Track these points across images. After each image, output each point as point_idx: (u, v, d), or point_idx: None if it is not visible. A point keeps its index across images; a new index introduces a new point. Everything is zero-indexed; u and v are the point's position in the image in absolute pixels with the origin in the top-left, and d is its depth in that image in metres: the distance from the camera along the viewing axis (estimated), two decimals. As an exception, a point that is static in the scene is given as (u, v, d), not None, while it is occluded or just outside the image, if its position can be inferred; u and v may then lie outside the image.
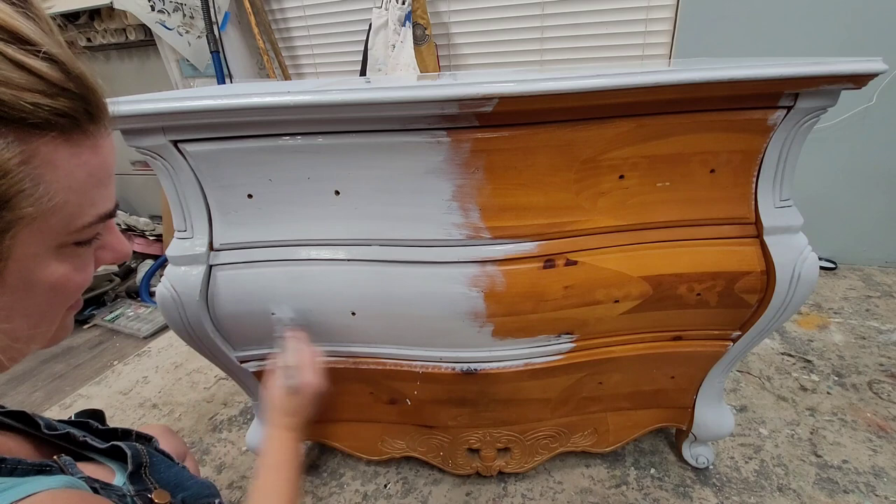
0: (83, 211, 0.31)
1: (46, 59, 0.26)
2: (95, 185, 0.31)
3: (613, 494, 1.11)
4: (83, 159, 0.29)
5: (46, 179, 0.27)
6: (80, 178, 0.30)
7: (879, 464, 1.14)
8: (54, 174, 0.28)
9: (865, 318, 1.68)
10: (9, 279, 0.29)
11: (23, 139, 0.26)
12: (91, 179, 0.31)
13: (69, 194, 0.29)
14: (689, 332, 0.89)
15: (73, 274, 0.33)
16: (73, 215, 0.30)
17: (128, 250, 0.39)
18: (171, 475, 0.48)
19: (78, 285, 0.34)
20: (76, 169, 0.29)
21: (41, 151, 0.27)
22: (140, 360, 1.77)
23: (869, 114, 1.75)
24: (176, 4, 2.01)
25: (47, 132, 0.27)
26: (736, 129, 0.70)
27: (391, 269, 0.78)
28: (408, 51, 1.93)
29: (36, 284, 0.31)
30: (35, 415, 0.45)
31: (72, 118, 0.28)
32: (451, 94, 0.61)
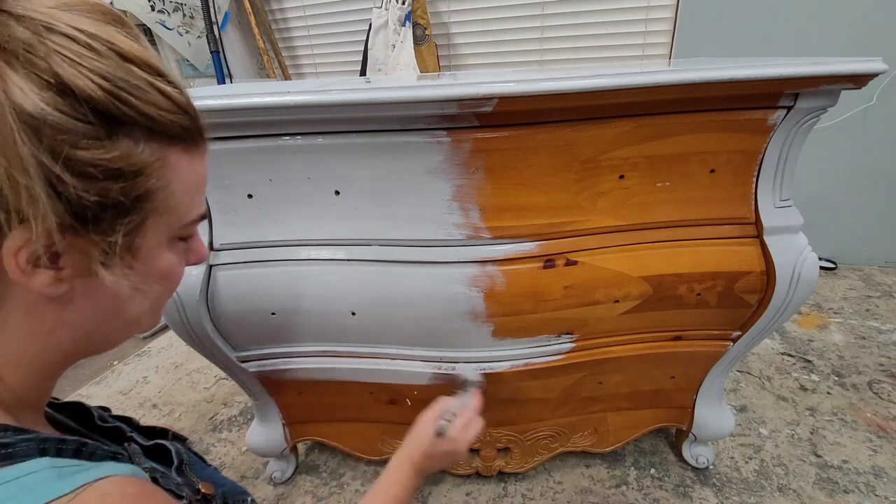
0: (190, 210, 0.38)
1: (176, 88, 0.34)
2: (199, 190, 0.39)
3: (613, 494, 1.11)
4: (195, 167, 0.37)
5: (172, 181, 0.35)
6: (192, 183, 0.37)
7: (879, 464, 1.14)
8: (177, 177, 0.35)
9: (865, 318, 1.68)
10: (139, 262, 0.36)
11: (161, 148, 0.33)
12: (198, 185, 0.38)
13: (184, 195, 0.36)
14: (689, 332, 0.89)
15: (177, 266, 0.40)
16: (184, 213, 0.37)
17: (206, 254, 0.47)
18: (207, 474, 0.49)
19: (178, 277, 0.41)
20: (191, 175, 0.37)
21: (170, 159, 0.34)
22: (140, 360, 1.77)
23: (869, 114, 1.75)
24: (176, 4, 2.01)
25: (176, 144, 0.35)
26: (736, 129, 0.70)
27: (391, 269, 0.78)
28: (408, 51, 1.93)
29: (154, 270, 0.37)
30: (90, 407, 0.48)
31: (191, 133, 0.36)
32: (451, 94, 0.61)
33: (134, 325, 0.40)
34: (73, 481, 0.30)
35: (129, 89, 0.30)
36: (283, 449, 1.11)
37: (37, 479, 0.29)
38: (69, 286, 0.33)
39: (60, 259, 0.32)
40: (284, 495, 1.17)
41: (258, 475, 1.23)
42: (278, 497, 1.16)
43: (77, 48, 0.29)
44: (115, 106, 0.30)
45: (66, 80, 0.28)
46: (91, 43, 0.30)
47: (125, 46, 0.31)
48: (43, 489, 0.29)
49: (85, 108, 0.29)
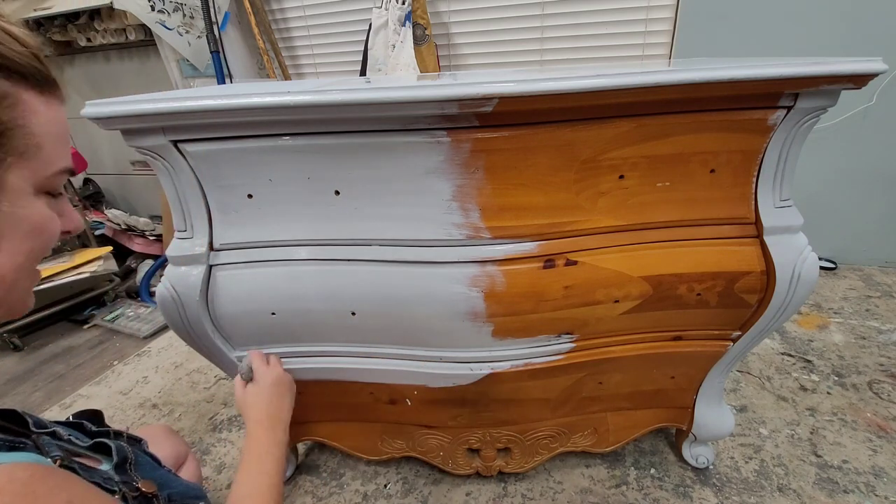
0: (55, 159, 0.38)
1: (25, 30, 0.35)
2: (62, 141, 0.39)
3: (613, 494, 1.11)
4: (53, 114, 0.37)
5: (31, 123, 0.35)
6: (52, 129, 0.37)
7: (879, 464, 1.14)
8: (35, 119, 0.36)
9: (865, 318, 1.68)
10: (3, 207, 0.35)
11: (10, 83, 0.34)
12: (60, 133, 0.38)
13: (46, 139, 0.36)
14: (689, 332, 0.89)
15: (50, 220, 0.39)
16: (49, 161, 0.37)
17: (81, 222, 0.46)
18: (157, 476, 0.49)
19: (51, 233, 0.40)
20: (50, 121, 0.37)
21: (24, 98, 0.35)
22: (140, 360, 1.77)
23: (869, 114, 1.75)
24: (176, 4, 2.01)
25: (28, 83, 0.35)
26: (736, 129, 0.70)
27: (391, 269, 0.78)
28: (408, 51, 1.93)
29: (24, 219, 0.37)
30: (25, 413, 0.46)
31: (43, 77, 0.36)
32: (451, 94, 0.61)
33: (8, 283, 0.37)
34: None
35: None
36: (283, 449, 1.11)
37: None
38: None
39: None
40: (284, 495, 1.17)
41: (258, 475, 1.22)
42: (278, 497, 1.16)
43: None
44: None
45: None
46: None
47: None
48: None
49: None
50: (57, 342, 1.94)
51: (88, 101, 0.66)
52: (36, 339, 1.97)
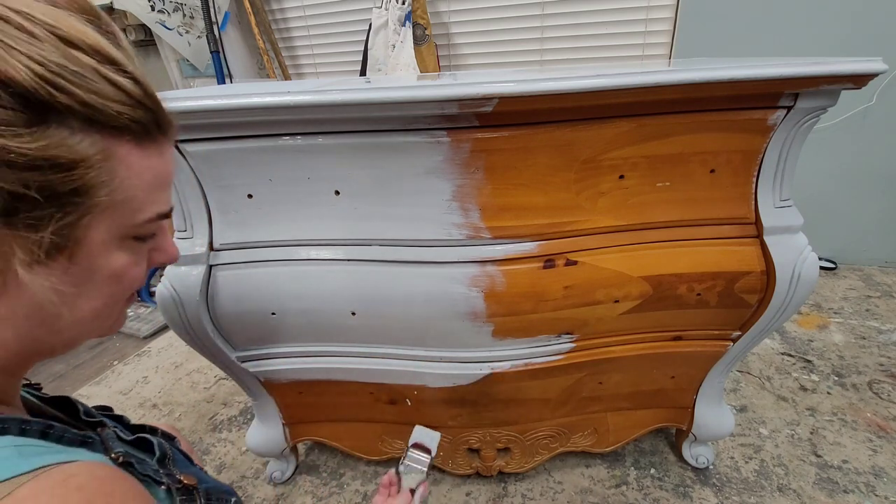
0: (145, 207, 0.36)
1: (130, 78, 0.33)
2: (157, 187, 0.37)
3: (613, 494, 1.11)
4: (150, 163, 0.35)
5: (120, 175, 0.33)
6: (146, 178, 0.35)
7: (879, 464, 1.14)
8: (127, 172, 0.33)
9: (865, 318, 1.68)
10: (80, 260, 0.34)
11: (105, 140, 0.32)
12: (155, 181, 0.36)
13: (136, 191, 0.34)
14: (689, 332, 0.89)
15: (131, 266, 0.38)
16: (137, 210, 0.35)
17: (177, 254, 0.45)
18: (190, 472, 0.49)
19: (134, 278, 0.39)
20: (144, 170, 0.35)
21: (118, 152, 0.33)
22: (140, 360, 1.77)
23: (869, 114, 1.75)
24: (176, 4, 2.01)
25: (124, 136, 0.33)
26: (736, 129, 0.70)
27: (391, 269, 0.78)
28: (408, 51, 1.93)
29: (100, 270, 0.35)
30: (76, 401, 0.47)
31: (144, 127, 0.34)
32: (451, 94, 0.61)
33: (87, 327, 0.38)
34: (35, 461, 0.29)
35: (66, 76, 0.29)
36: (283, 449, 1.11)
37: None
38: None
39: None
40: (284, 495, 1.17)
41: (258, 475, 1.23)
42: (278, 497, 1.16)
43: (11, 30, 0.28)
44: (46, 92, 0.28)
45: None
46: (28, 26, 0.28)
47: (72, 32, 0.30)
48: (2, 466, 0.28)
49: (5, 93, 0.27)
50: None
51: (88, 101, 0.66)
52: (36, 339, 1.97)
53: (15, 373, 0.38)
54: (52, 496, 0.28)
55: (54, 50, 0.29)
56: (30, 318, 0.34)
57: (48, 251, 0.31)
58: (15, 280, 0.31)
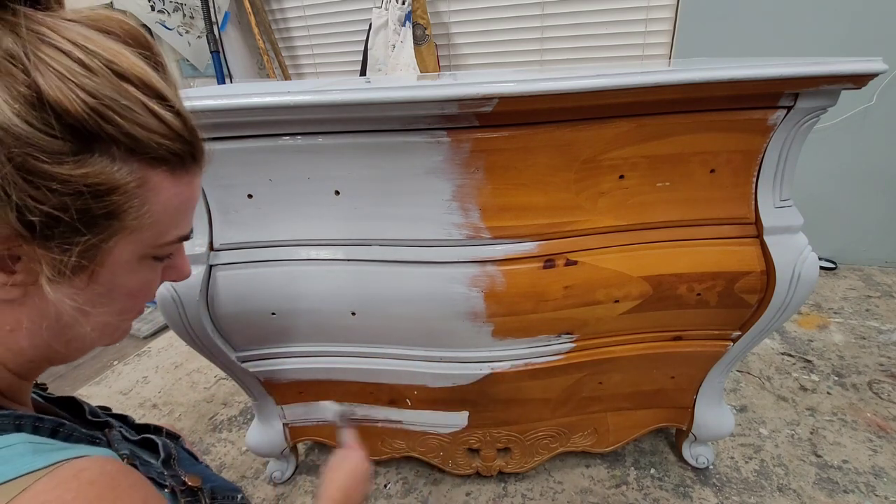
0: (168, 231, 0.37)
1: (174, 112, 0.34)
2: (182, 212, 0.38)
3: (613, 494, 1.11)
4: (180, 190, 0.36)
5: (150, 201, 0.34)
6: (174, 205, 0.36)
7: (879, 464, 1.14)
8: (157, 198, 0.35)
9: (865, 318, 1.68)
10: (101, 279, 0.35)
11: (143, 169, 0.33)
12: (181, 207, 0.38)
13: (163, 216, 0.36)
14: (689, 332, 0.89)
15: (146, 284, 0.39)
16: (161, 233, 0.37)
17: (189, 272, 0.46)
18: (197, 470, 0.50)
19: (146, 295, 0.40)
20: (174, 197, 0.36)
21: (153, 180, 0.34)
22: (140, 360, 1.77)
23: (869, 114, 1.75)
24: (176, 4, 2.01)
25: (161, 166, 0.34)
26: (736, 129, 0.70)
27: (391, 269, 0.78)
28: (408, 51, 1.93)
29: (119, 287, 0.37)
30: (82, 401, 0.48)
31: (180, 158, 0.35)
32: (451, 94, 0.61)
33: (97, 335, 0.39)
34: (49, 458, 0.30)
35: (115, 108, 0.30)
36: (283, 449, 1.11)
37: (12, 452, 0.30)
38: (22, 291, 0.33)
39: (18, 263, 0.31)
40: (284, 495, 1.17)
41: (258, 475, 1.23)
42: (278, 497, 1.16)
43: (68, 63, 0.29)
44: (95, 123, 0.29)
45: (45, 93, 0.28)
46: (84, 59, 0.29)
47: (125, 65, 0.31)
48: (19, 462, 0.29)
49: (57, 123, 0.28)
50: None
51: (88, 101, 0.66)
52: (36, 339, 1.97)
53: (27, 377, 0.39)
54: (66, 490, 0.29)
55: (107, 83, 0.30)
56: (48, 329, 0.35)
57: (74, 269, 0.32)
58: (38, 293, 0.33)
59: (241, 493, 0.52)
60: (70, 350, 0.39)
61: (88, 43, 0.30)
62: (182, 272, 0.45)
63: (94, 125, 0.29)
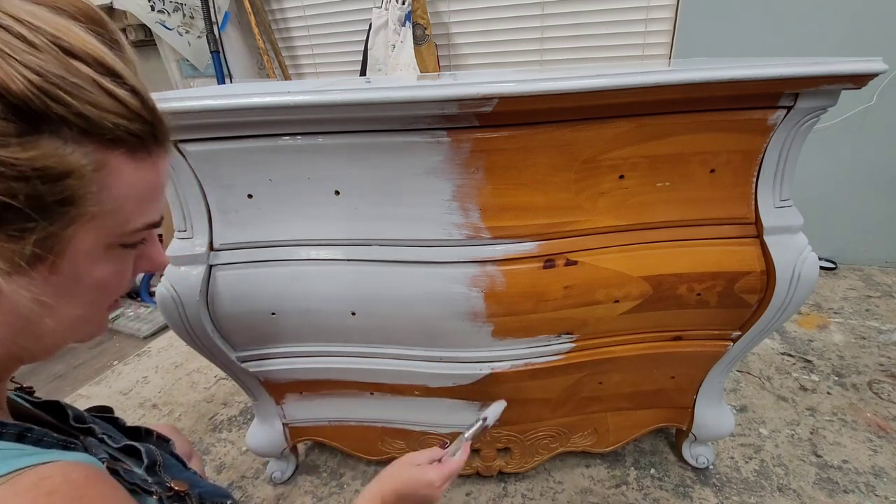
0: (134, 218, 0.35)
1: (129, 90, 0.32)
2: (149, 198, 0.36)
3: (613, 494, 1.11)
4: (143, 174, 0.34)
5: (110, 186, 0.32)
6: (137, 189, 0.35)
7: (879, 464, 1.14)
8: (117, 182, 0.33)
9: (865, 318, 1.68)
10: (63, 269, 0.33)
11: (99, 151, 0.31)
12: (146, 192, 0.35)
13: (126, 202, 0.34)
14: (689, 332, 0.89)
15: (116, 275, 0.37)
16: (126, 220, 0.35)
17: (165, 262, 0.44)
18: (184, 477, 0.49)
19: (118, 286, 0.38)
20: (136, 181, 0.34)
21: (110, 163, 0.32)
22: (140, 360, 1.77)
23: (869, 114, 1.75)
24: (176, 4, 2.01)
25: (118, 148, 0.32)
26: (736, 129, 0.70)
27: (391, 269, 0.78)
28: (408, 51, 1.93)
29: (84, 278, 0.35)
30: (67, 405, 0.47)
31: (140, 139, 0.33)
32: (451, 94, 0.61)
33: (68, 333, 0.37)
34: (9, 465, 0.29)
35: (62, 86, 0.28)
36: (283, 449, 1.11)
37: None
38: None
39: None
40: (284, 495, 1.17)
41: (258, 475, 1.23)
42: (278, 497, 1.16)
43: (9, 38, 0.27)
44: (41, 102, 0.28)
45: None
46: (28, 35, 0.28)
47: (73, 41, 0.29)
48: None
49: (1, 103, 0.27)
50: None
51: (88, 101, 0.66)
52: (36, 339, 1.97)
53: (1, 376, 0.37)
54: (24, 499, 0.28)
55: (53, 60, 0.28)
56: (10, 325, 0.33)
57: (30, 260, 0.31)
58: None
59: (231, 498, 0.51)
60: (40, 347, 0.37)
61: (33, 18, 0.28)
62: (156, 262, 0.42)
63: (39, 105, 0.28)
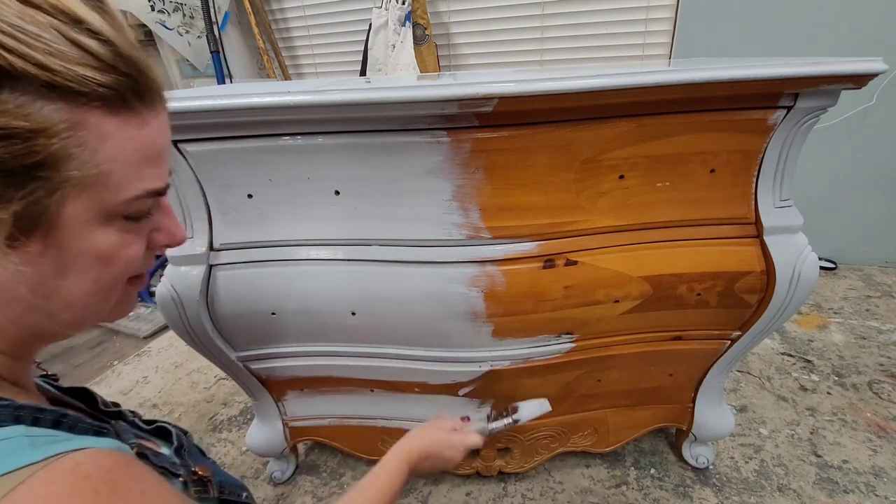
0: (130, 184, 0.33)
1: (99, 40, 0.30)
2: (143, 161, 0.33)
3: (613, 494, 1.11)
4: (130, 133, 0.32)
5: (92, 147, 0.30)
6: (127, 151, 0.32)
7: (879, 464, 1.14)
8: (101, 143, 0.30)
9: (865, 318, 1.68)
10: (59, 242, 0.31)
11: (70, 107, 0.29)
12: (138, 154, 0.33)
13: (115, 165, 0.31)
14: (689, 332, 0.89)
15: (122, 247, 0.35)
16: (120, 186, 0.32)
17: (183, 235, 0.41)
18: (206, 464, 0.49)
19: (128, 259, 0.36)
20: (123, 142, 0.32)
21: (88, 121, 0.30)
22: (140, 360, 1.77)
23: (869, 114, 1.75)
24: (176, 4, 2.01)
25: (93, 103, 0.30)
26: (736, 129, 0.70)
27: (391, 268, 0.78)
28: (408, 51, 1.93)
29: (83, 251, 0.33)
30: (95, 392, 0.47)
31: (118, 93, 0.31)
32: (451, 94, 0.61)
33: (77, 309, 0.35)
34: (46, 450, 0.29)
35: (18, 36, 0.27)
36: (283, 449, 1.11)
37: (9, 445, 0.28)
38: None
39: None
40: (284, 495, 1.17)
41: (258, 475, 1.23)
42: (278, 497, 1.16)
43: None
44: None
45: None
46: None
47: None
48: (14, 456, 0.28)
49: None
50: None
51: (88, 101, 0.66)
52: (36, 339, 1.97)
53: (20, 356, 0.36)
54: (63, 485, 0.28)
55: (7, 9, 0.27)
56: (17, 302, 0.32)
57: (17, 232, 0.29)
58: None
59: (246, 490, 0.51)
60: (57, 325, 0.35)
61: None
62: (171, 234, 0.40)
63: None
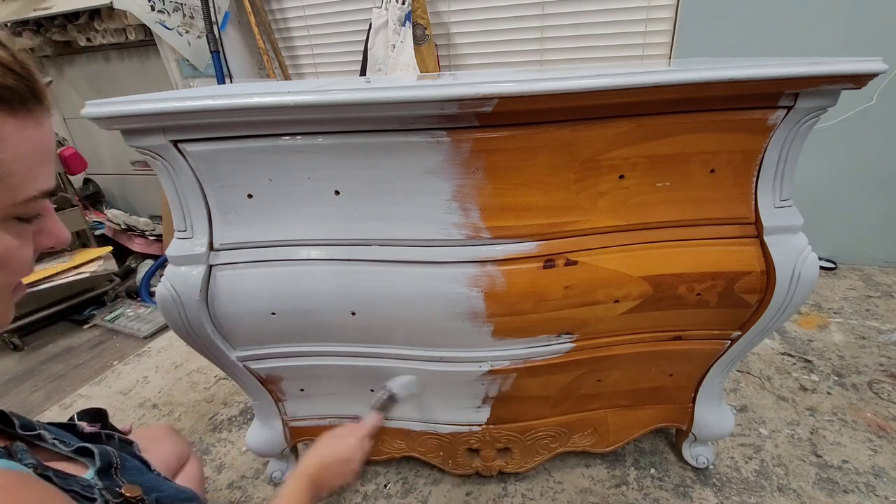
0: (27, 184, 0.33)
1: None
2: (39, 161, 0.34)
3: (613, 494, 1.11)
4: (28, 134, 0.33)
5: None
6: (25, 152, 0.32)
7: (879, 464, 1.14)
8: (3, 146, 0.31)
9: (865, 318, 1.68)
10: None
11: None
12: (35, 154, 0.33)
13: (15, 165, 0.32)
14: (688, 333, 0.89)
15: (15, 249, 0.35)
16: (18, 187, 0.33)
17: (66, 236, 0.42)
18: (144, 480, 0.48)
19: (19, 261, 0.36)
20: (22, 142, 0.32)
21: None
22: (140, 360, 1.77)
23: (869, 114, 1.75)
24: (176, 4, 2.01)
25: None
26: (736, 129, 0.70)
27: (391, 269, 0.78)
28: (408, 51, 1.93)
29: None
30: (13, 414, 0.45)
31: (18, 95, 0.31)
32: (451, 94, 0.61)
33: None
34: None
35: None
36: (283, 449, 1.11)
37: None
38: None
39: None
40: (284, 495, 1.17)
41: (258, 475, 1.23)
42: (278, 497, 1.16)
43: None
44: None
45: None
46: None
47: None
48: None
49: None
50: (57, 342, 1.94)
51: (88, 101, 0.66)
52: (36, 339, 1.97)
53: None
54: None
55: None
56: None
57: None
58: None
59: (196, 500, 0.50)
60: None
61: None
62: (56, 236, 0.40)
63: None
